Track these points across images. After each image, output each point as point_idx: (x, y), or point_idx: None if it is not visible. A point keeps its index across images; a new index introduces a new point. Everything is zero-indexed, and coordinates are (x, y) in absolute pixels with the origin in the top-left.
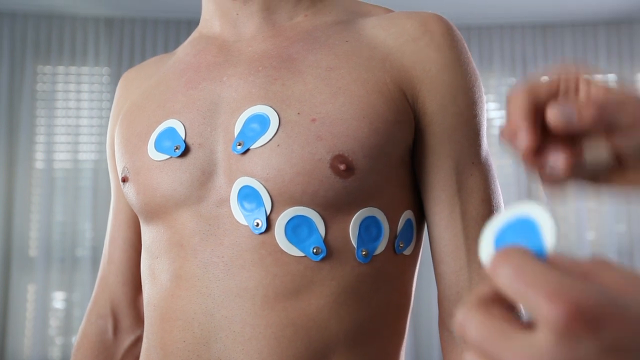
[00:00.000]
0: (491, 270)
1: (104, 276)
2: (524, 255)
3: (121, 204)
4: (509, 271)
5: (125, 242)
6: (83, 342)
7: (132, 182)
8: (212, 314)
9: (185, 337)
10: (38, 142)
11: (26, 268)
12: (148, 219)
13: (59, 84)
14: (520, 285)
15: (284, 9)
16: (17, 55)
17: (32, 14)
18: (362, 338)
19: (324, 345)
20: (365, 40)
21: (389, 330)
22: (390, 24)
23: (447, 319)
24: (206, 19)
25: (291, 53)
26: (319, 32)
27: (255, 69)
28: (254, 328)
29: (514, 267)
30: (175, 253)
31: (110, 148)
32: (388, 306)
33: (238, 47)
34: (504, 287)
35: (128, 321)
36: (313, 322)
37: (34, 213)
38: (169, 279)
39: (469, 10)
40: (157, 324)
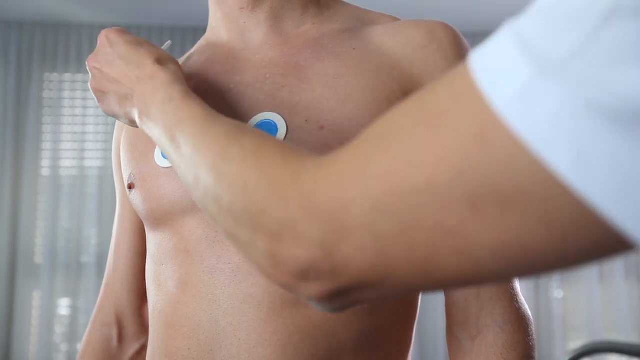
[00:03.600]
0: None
1: (109, 283)
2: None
3: (127, 211)
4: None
5: (130, 249)
6: (87, 349)
7: (138, 189)
8: (217, 321)
9: (190, 344)
10: (44, 149)
11: (31, 274)
12: (154, 226)
13: (65, 91)
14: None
15: (292, 17)
16: (24, 63)
17: (39, 23)
18: (369, 346)
19: (330, 353)
20: (373, 48)
21: (395, 338)
22: (397, 32)
23: (455, 326)
24: (214, 27)
25: (298, 60)
26: (326, 40)
27: (262, 76)
28: (260, 335)
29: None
30: (182, 260)
31: (116, 155)
32: (395, 314)
33: (245, 55)
34: None
35: (133, 329)
36: (320, 330)
37: (40, 220)
38: (175, 285)
39: (474, 17)
40: (162, 331)
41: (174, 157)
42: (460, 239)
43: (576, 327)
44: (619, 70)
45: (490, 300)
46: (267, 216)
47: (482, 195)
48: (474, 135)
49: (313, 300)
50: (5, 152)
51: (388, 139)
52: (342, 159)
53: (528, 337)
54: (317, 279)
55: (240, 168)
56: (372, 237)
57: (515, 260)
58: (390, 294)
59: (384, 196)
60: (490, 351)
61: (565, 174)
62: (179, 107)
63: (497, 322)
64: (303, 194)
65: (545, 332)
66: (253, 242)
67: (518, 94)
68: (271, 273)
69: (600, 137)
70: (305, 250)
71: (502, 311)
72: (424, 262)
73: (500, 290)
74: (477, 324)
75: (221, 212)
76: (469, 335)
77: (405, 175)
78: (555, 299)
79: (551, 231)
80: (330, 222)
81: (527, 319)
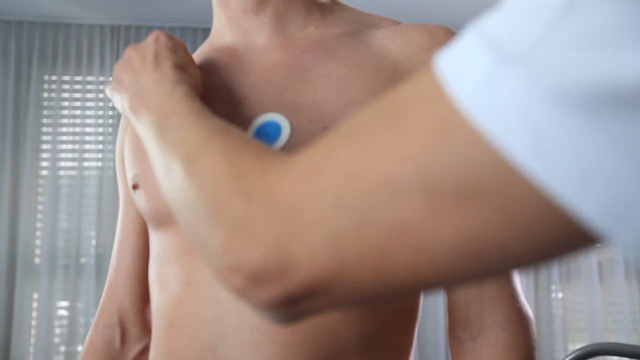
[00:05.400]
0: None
1: (112, 285)
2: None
3: (130, 212)
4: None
5: (133, 250)
6: (90, 351)
7: (142, 189)
8: (220, 320)
9: (193, 343)
10: (43, 150)
11: (31, 276)
12: (158, 226)
13: (64, 92)
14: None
15: (295, 20)
16: (23, 64)
17: (38, 23)
18: (371, 346)
19: (332, 353)
20: (375, 51)
21: (397, 339)
22: (399, 35)
23: (457, 327)
24: (217, 29)
25: (302, 63)
26: (329, 43)
27: (266, 78)
28: (262, 335)
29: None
30: (185, 260)
31: (119, 156)
32: (397, 315)
33: (249, 57)
34: None
35: (135, 330)
36: (322, 330)
37: (39, 221)
38: (178, 285)
39: (475, 20)
40: (165, 330)
41: (154, 145)
42: (417, 236)
43: (576, 329)
44: (578, 58)
45: (491, 301)
46: (228, 211)
47: (441, 189)
48: (434, 128)
49: (263, 308)
50: (4, 152)
51: (353, 136)
52: (307, 155)
53: (529, 337)
54: (268, 282)
55: (213, 162)
56: (328, 235)
57: (474, 258)
58: (342, 302)
59: (343, 191)
60: (491, 351)
61: (524, 163)
62: (179, 101)
63: (499, 322)
64: (266, 190)
65: (545, 334)
66: (209, 240)
67: (478, 85)
68: (223, 275)
69: (560, 125)
70: (259, 250)
71: (504, 312)
72: (379, 262)
73: (501, 290)
74: (479, 325)
75: (185, 206)
76: (470, 335)
77: (366, 171)
78: (555, 300)
79: (511, 224)
80: (287, 219)
81: (529, 319)
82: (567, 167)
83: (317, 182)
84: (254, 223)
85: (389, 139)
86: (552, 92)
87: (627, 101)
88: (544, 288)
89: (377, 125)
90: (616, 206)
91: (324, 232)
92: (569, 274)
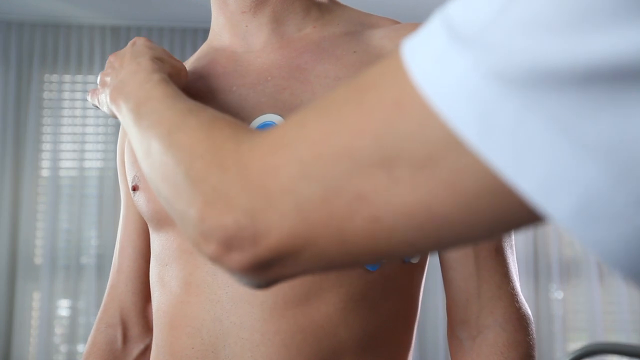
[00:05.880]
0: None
1: (114, 285)
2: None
3: (131, 213)
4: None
5: (134, 251)
6: (92, 350)
7: (142, 190)
8: (220, 321)
9: (194, 343)
10: (44, 150)
11: (31, 276)
12: (158, 227)
13: (65, 92)
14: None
15: (293, 20)
16: (24, 64)
17: (39, 24)
18: (371, 346)
19: (332, 353)
20: (373, 51)
21: (397, 338)
22: (398, 35)
23: (456, 326)
24: (215, 31)
25: (300, 63)
26: (327, 43)
27: (264, 78)
28: (262, 334)
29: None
30: (185, 260)
31: (120, 157)
32: (396, 314)
33: (247, 58)
34: None
35: (137, 330)
36: (322, 329)
37: (40, 221)
38: (179, 285)
39: None
40: (166, 331)
41: (134, 131)
42: (374, 205)
43: (576, 328)
44: (521, 41)
45: (490, 300)
46: (205, 183)
47: (397, 160)
48: (392, 103)
49: (236, 273)
50: (5, 153)
51: (322, 110)
52: (279, 128)
53: (528, 336)
54: (240, 248)
55: (190, 137)
56: (296, 203)
57: (424, 229)
58: (309, 268)
59: (310, 162)
60: (490, 350)
61: (470, 138)
62: (155, 87)
63: (498, 321)
64: (241, 161)
65: (545, 333)
66: (186, 210)
67: (432, 64)
68: (199, 242)
69: (501, 103)
70: (232, 217)
71: (503, 311)
72: (340, 230)
73: (501, 290)
74: (478, 324)
75: (164, 180)
76: (469, 334)
77: (331, 142)
78: (555, 299)
79: (457, 197)
80: (258, 189)
81: (528, 318)
82: (508, 144)
83: (287, 153)
84: (229, 193)
85: (352, 114)
86: (496, 72)
87: (560, 82)
88: (544, 288)
89: (344, 101)
90: (549, 181)
91: (292, 200)
92: (569, 274)
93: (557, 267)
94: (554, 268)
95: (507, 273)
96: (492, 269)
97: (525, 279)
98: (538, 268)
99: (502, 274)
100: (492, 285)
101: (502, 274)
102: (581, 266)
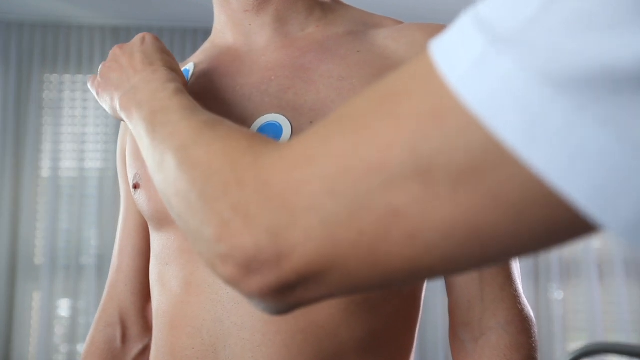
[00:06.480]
0: None
1: (113, 284)
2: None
3: (131, 212)
4: None
5: (134, 250)
6: (91, 349)
7: (143, 189)
8: (221, 321)
9: (194, 343)
10: (44, 150)
11: (31, 276)
12: (158, 226)
13: (65, 92)
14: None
15: (296, 20)
16: (24, 64)
17: (39, 24)
18: (372, 347)
19: (334, 354)
20: (377, 51)
21: (398, 340)
22: (401, 35)
23: (458, 328)
24: (218, 29)
25: (304, 63)
26: (330, 43)
27: (268, 78)
28: (263, 335)
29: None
30: (186, 260)
31: (121, 156)
32: (398, 316)
33: (251, 57)
34: None
35: (136, 329)
36: (323, 330)
37: (40, 221)
38: (179, 285)
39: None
40: (166, 331)
41: (146, 141)
42: (411, 222)
43: (576, 328)
44: (569, 40)
45: (493, 302)
46: (222, 200)
47: (435, 173)
48: (428, 112)
49: (255, 297)
50: (5, 153)
51: (346, 122)
52: (301, 142)
53: (531, 338)
54: (260, 270)
55: (206, 152)
56: (321, 221)
57: (467, 244)
58: (336, 291)
59: (336, 177)
60: (493, 353)
61: (515, 145)
62: (170, 97)
63: (501, 323)
64: (260, 177)
65: (545, 333)
66: (202, 229)
67: (470, 68)
68: (215, 264)
69: (550, 107)
70: (252, 237)
71: (506, 313)
72: (372, 248)
73: (503, 292)
74: (480, 326)
75: (179, 197)
76: (472, 336)
77: (359, 156)
78: (555, 300)
79: (504, 209)
80: (280, 206)
81: (530, 320)
82: (557, 150)
83: (311, 168)
84: (248, 210)
85: (383, 125)
86: (543, 74)
87: (616, 83)
88: (543, 288)
89: (370, 111)
90: (605, 189)
91: (318, 219)
92: (569, 274)
93: (557, 267)
94: (554, 268)
95: (509, 275)
96: (494, 271)
97: (525, 279)
98: (538, 268)
99: (505, 276)
100: (495, 287)
101: (505, 276)
102: (581, 266)
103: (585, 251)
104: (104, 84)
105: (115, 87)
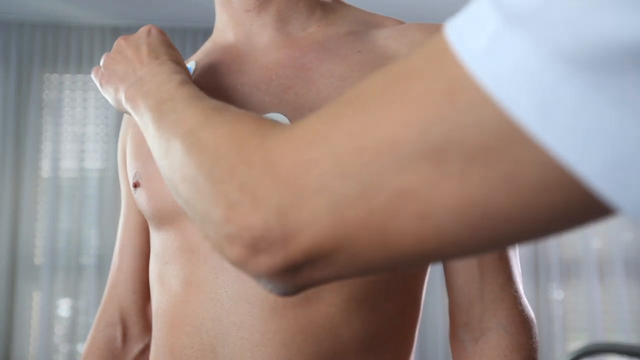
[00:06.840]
0: None
1: (113, 284)
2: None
3: (131, 211)
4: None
5: (135, 249)
6: (91, 349)
7: (143, 187)
8: (220, 320)
9: (193, 343)
10: (44, 150)
11: (32, 276)
12: (159, 225)
13: (65, 91)
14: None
15: (297, 20)
16: (24, 64)
17: (39, 24)
18: (373, 346)
19: (333, 353)
20: (378, 51)
21: (398, 339)
22: (402, 34)
23: (458, 328)
24: (220, 28)
25: (304, 63)
26: (331, 43)
27: (268, 77)
28: (262, 334)
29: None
30: (186, 259)
31: (121, 154)
32: (398, 315)
33: (252, 57)
34: None
35: (137, 329)
36: (323, 330)
37: (40, 221)
38: (179, 284)
39: None
40: (165, 330)
41: (152, 130)
42: (421, 201)
43: (576, 328)
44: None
45: (493, 302)
46: (230, 181)
47: (447, 152)
48: (441, 91)
49: (263, 278)
50: (5, 153)
51: (358, 103)
52: (309, 122)
53: (531, 339)
54: (268, 250)
55: (213, 135)
56: (330, 201)
57: (478, 226)
58: (344, 272)
59: (347, 156)
60: (493, 353)
61: (529, 125)
62: (176, 88)
63: (501, 324)
64: (268, 158)
65: (545, 333)
66: (209, 211)
67: (485, 47)
68: (222, 246)
69: (564, 86)
70: (260, 217)
71: (506, 313)
72: (382, 228)
73: (503, 292)
74: (481, 326)
75: (185, 181)
76: (472, 337)
77: (370, 136)
78: (555, 300)
79: (516, 190)
80: (288, 186)
81: (531, 321)
82: (571, 129)
83: (320, 148)
84: (256, 191)
85: (395, 105)
86: (557, 53)
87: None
88: (543, 288)
89: (382, 92)
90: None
91: (327, 199)
92: (569, 274)
93: (557, 267)
94: (554, 268)
95: (510, 275)
96: (495, 271)
97: (525, 279)
98: (538, 268)
99: (506, 276)
100: (495, 287)
101: (506, 276)
102: (581, 266)
103: (585, 251)
104: (108, 75)
105: (120, 80)
